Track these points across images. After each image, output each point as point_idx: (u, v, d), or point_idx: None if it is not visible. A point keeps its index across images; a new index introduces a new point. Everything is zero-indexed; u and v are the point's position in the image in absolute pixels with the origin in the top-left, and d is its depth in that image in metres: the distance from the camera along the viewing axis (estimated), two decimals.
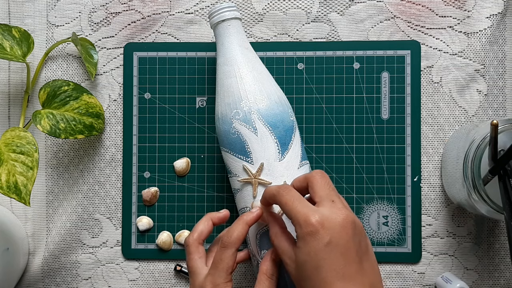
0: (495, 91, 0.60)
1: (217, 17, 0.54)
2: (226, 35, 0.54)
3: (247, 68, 0.53)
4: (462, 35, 0.60)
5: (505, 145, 0.49)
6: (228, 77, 0.53)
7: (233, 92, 0.52)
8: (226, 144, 0.53)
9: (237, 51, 0.53)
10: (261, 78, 0.53)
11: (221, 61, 0.54)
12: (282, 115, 0.52)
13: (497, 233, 0.60)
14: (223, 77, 0.53)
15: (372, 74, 0.60)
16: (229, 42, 0.54)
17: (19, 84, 0.63)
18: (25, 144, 0.53)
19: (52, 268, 0.62)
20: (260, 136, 0.51)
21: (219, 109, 0.54)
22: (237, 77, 0.52)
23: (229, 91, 0.53)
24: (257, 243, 0.52)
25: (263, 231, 0.52)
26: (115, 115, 0.62)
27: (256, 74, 0.53)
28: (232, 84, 0.52)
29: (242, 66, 0.53)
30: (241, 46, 0.54)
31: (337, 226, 0.42)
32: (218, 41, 0.55)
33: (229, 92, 0.53)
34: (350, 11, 0.61)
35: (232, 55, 0.53)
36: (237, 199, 0.54)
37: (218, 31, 0.54)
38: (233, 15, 0.54)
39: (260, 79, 0.53)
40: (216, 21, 0.54)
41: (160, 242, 0.60)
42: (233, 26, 0.54)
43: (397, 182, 0.60)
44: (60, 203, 0.62)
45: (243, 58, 0.53)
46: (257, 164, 0.52)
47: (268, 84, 0.53)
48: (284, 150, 0.52)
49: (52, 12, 0.63)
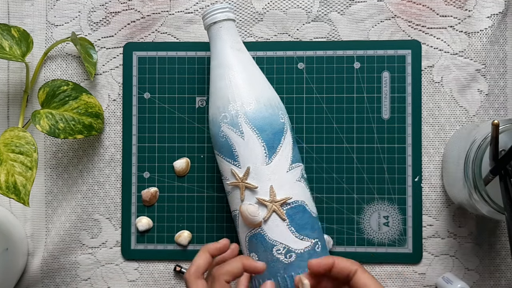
0: (496, 91, 0.60)
1: (209, 19, 0.54)
2: (218, 37, 0.53)
3: (238, 70, 0.52)
4: (463, 35, 0.60)
5: (506, 145, 0.49)
6: (219, 80, 0.53)
7: (223, 95, 0.52)
8: (217, 147, 0.53)
9: (229, 53, 0.53)
10: (252, 80, 0.53)
11: (214, 63, 0.54)
12: (271, 118, 0.52)
13: (498, 233, 0.60)
14: (215, 79, 0.53)
15: (372, 73, 0.60)
16: (221, 44, 0.53)
17: (18, 84, 0.63)
18: (24, 144, 0.52)
19: (52, 269, 0.62)
20: (247, 139, 0.51)
21: (210, 112, 0.54)
22: (227, 80, 0.52)
23: (220, 94, 0.52)
24: (246, 246, 0.53)
25: (251, 234, 0.52)
26: (115, 115, 0.62)
27: (246, 76, 0.52)
28: (223, 87, 0.52)
29: (233, 68, 0.52)
30: (233, 48, 0.53)
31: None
32: (211, 43, 0.54)
33: (220, 95, 0.52)
34: (350, 10, 0.61)
35: (224, 58, 0.53)
36: (229, 201, 0.55)
37: (210, 33, 0.54)
38: (225, 16, 0.53)
39: (250, 81, 0.52)
40: (208, 23, 0.54)
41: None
42: (224, 28, 0.53)
43: (398, 182, 0.60)
44: (59, 204, 0.62)
45: (234, 60, 0.53)
46: (244, 168, 0.51)
47: (258, 87, 0.53)
48: (272, 154, 0.51)
49: (51, 11, 0.63)
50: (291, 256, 0.50)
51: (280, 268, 0.50)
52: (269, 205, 0.51)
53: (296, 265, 0.50)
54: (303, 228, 0.51)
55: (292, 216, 0.51)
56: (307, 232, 0.51)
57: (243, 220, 0.52)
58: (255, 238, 0.51)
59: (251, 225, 0.51)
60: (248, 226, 0.52)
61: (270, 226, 0.51)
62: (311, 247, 0.51)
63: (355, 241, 0.60)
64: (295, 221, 0.51)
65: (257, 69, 0.54)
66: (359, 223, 0.60)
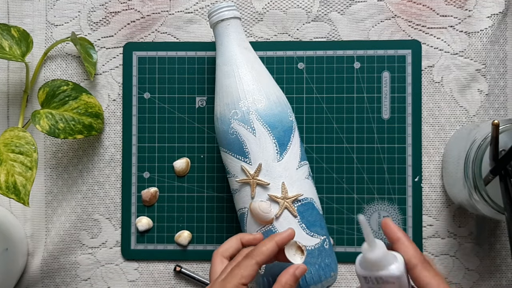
0: (496, 91, 0.60)
1: (216, 17, 0.54)
2: (225, 35, 0.54)
3: (246, 68, 0.53)
4: (463, 35, 0.60)
5: (506, 145, 0.49)
6: (227, 77, 0.53)
7: (232, 92, 0.52)
8: (225, 144, 0.53)
9: (236, 51, 0.53)
10: (260, 78, 0.53)
11: (220, 61, 0.54)
12: (281, 116, 0.52)
13: (498, 233, 0.60)
14: (222, 77, 0.53)
15: (372, 73, 0.60)
16: (228, 42, 0.53)
17: (18, 84, 0.63)
18: (24, 144, 0.52)
19: (51, 269, 0.62)
20: (259, 136, 0.51)
21: (218, 109, 0.53)
22: (236, 77, 0.52)
23: (228, 91, 0.52)
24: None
25: (262, 231, 0.52)
26: (115, 115, 0.62)
27: (255, 74, 0.53)
28: (231, 84, 0.52)
29: (241, 66, 0.53)
30: (240, 46, 0.53)
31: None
32: (217, 41, 0.54)
33: (228, 92, 0.52)
34: (350, 10, 0.61)
35: (231, 55, 0.53)
36: (235, 200, 0.54)
37: (217, 31, 0.54)
38: (232, 14, 0.54)
39: (259, 79, 0.53)
40: (215, 20, 0.54)
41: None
42: (232, 25, 0.54)
43: (398, 182, 0.60)
44: (59, 204, 0.62)
45: (242, 58, 0.53)
46: (255, 164, 0.51)
47: (267, 84, 0.53)
48: (283, 151, 0.52)
49: (51, 11, 0.63)
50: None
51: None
52: (281, 201, 0.51)
53: (306, 261, 0.50)
54: (313, 225, 0.51)
55: (302, 213, 0.51)
56: (316, 228, 0.52)
57: (253, 217, 0.52)
58: (266, 235, 0.51)
59: (263, 222, 0.51)
60: (258, 223, 0.51)
61: (281, 222, 0.51)
62: (320, 244, 0.51)
63: (355, 241, 0.60)
64: (305, 217, 0.51)
65: (264, 68, 0.54)
66: (359, 223, 0.60)
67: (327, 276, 0.51)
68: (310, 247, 0.51)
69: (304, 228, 0.51)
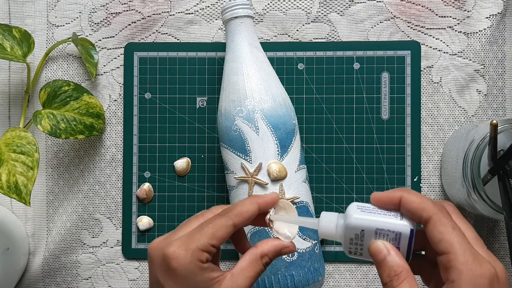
0: (494, 91, 0.60)
1: (230, 13, 0.54)
2: (237, 32, 0.54)
3: (255, 67, 0.53)
4: (462, 35, 0.60)
5: (505, 145, 0.49)
6: (235, 74, 0.53)
7: (239, 89, 0.52)
8: (227, 140, 0.53)
9: (246, 49, 0.53)
10: (268, 78, 0.53)
11: (230, 57, 0.54)
12: (285, 118, 0.53)
13: (497, 233, 0.60)
14: (230, 73, 0.53)
15: (372, 74, 0.61)
16: (239, 39, 0.54)
17: (20, 84, 0.63)
18: (25, 144, 0.53)
19: (53, 268, 0.62)
20: (262, 135, 0.52)
21: (223, 105, 0.54)
22: (244, 75, 0.52)
23: (235, 88, 0.53)
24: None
25: (255, 230, 0.52)
26: (116, 115, 0.62)
27: (263, 74, 0.53)
28: (239, 82, 0.53)
29: (250, 64, 0.53)
30: (251, 44, 0.54)
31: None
32: (228, 38, 0.54)
33: (235, 89, 0.53)
34: (350, 11, 0.61)
35: (241, 53, 0.53)
36: (231, 196, 0.54)
37: (229, 28, 0.54)
38: (246, 12, 0.54)
39: (266, 79, 0.53)
40: (229, 17, 0.54)
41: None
42: (245, 23, 0.54)
43: (397, 182, 0.60)
44: (61, 203, 0.62)
45: (251, 56, 0.53)
46: (256, 163, 0.52)
47: (274, 85, 0.53)
48: (284, 153, 0.52)
49: (53, 12, 0.63)
50: (293, 255, 0.51)
51: (282, 266, 0.51)
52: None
53: (297, 264, 0.50)
54: (306, 229, 0.51)
55: None
56: (309, 232, 0.52)
57: None
58: (259, 235, 0.52)
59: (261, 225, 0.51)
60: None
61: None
62: (311, 248, 0.52)
63: None
64: None
65: (272, 69, 0.55)
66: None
67: (315, 280, 0.51)
68: (301, 250, 0.51)
69: (298, 231, 0.51)
